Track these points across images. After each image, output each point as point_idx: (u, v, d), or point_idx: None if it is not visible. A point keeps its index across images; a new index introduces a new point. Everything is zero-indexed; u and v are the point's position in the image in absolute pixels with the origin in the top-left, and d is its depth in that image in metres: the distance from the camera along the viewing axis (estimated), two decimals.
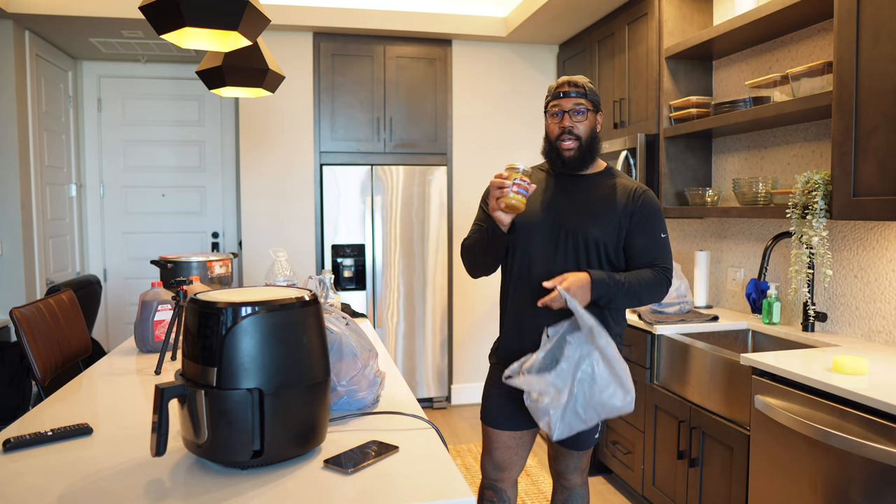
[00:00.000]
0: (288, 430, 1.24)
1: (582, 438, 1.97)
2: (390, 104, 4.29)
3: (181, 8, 1.55)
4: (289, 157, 4.23)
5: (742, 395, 2.19)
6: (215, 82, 2.29)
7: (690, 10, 3.18)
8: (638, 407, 2.85)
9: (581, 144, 1.89)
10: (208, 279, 2.60)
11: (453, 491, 1.15)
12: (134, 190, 4.97)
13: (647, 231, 1.86)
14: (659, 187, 3.19)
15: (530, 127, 4.53)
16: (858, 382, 1.77)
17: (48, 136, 4.30)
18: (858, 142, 2.02)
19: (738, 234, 3.08)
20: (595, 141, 1.91)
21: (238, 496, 1.13)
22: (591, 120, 1.89)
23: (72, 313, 2.53)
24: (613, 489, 3.13)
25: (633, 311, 2.96)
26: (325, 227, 4.22)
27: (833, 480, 1.77)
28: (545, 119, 1.95)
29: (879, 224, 2.32)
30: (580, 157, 1.89)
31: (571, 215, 1.88)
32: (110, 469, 1.24)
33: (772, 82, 2.53)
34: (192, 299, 1.26)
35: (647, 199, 1.88)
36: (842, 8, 2.05)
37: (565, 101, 1.88)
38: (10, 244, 3.87)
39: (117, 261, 4.98)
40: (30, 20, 3.81)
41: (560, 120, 1.89)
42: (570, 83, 1.89)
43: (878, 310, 2.33)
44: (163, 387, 1.17)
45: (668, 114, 3.17)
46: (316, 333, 1.30)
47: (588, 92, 1.89)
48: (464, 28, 4.22)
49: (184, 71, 4.96)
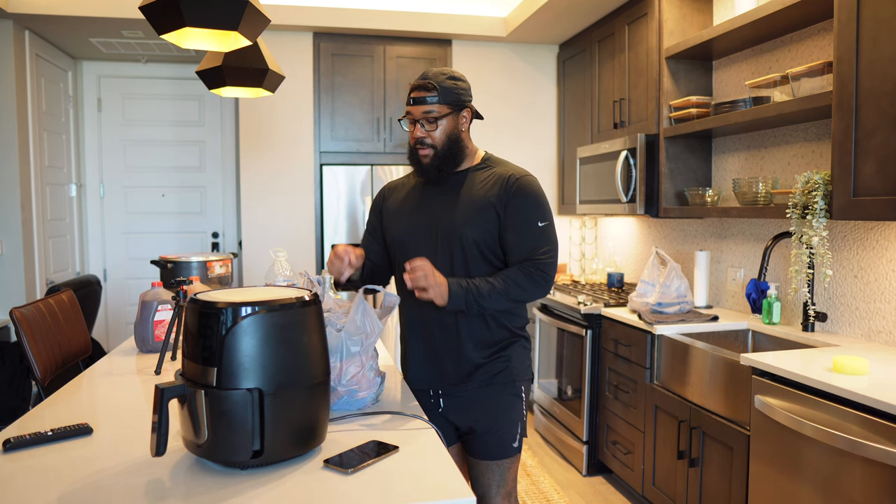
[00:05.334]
0: (288, 430, 1.24)
1: (492, 445, 1.77)
2: (390, 104, 4.29)
3: (181, 8, 1.55)
4: (289, 156, 4.23)
5: (742, 395, 2.19)
6: (215, 82, 2.29)
7: (690, 10, 3.18)
8: (638, 407, 2.85)
9: (437, 152, 1.76)
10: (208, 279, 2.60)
11: (453, 491, 1.15)
12: (134, 190, 4.97)
13: (521, 222, 1.72)
14: (659, 187, 3.19)
15: (530, 127, 4.53)
16: (858, 382, 1.77)
17: (48, 136, 4.30)
18: (858, 142, 2.01)
19: (738, 234, 3.08)
20: (456, 144, 1.77)
21: (238, 496, 1.13)
22: (448, 123, 1.75)
23: (72, 313, 2.53)
24: (613, 489, 3.13)
25: (632, 311, 2.97)
26: (325, 227, 4.22)
27: (833, 480, 1.77)
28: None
29: (879, 224, 2.32)
30: (438, 165, 1.77)
31: (445, 218, 1.77)
32: (110, 469, 1.24)
33: (772, 82, 2.53)
34: (192, 299, 1.26)
35: (521, 185, 1.74)
36: (842, 8, 2.05)
37: (415, 110, 1.75)
38: (10, 244, 3.87)
39: (117, 261, 4.98)
40: (30, 20, 3.81)
41: (413, 129, 1.77)
42: (420, 87, 1.75)
43: (878, 310, 2.33)
44: (163, 387, 1.17)
45: (668, 114, 3.17)
46: (316, 333, 1.30)
47: (443, 92, 1.73)
48: (464, 28, 4.22)
49: (184, 71, 4.96)
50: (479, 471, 1.82)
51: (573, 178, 4.16)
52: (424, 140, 1.76)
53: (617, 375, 3.03)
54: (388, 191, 1.97)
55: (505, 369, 1.79)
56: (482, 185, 1.78)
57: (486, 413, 1.78)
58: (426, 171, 1.80)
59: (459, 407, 1.81)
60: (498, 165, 1.83)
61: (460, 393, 1.80)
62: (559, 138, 4.49)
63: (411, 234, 1.83)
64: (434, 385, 1.83)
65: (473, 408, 1.79)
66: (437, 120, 1.74)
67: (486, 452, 1.79)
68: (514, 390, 1.80)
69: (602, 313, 3.15)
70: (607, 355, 3.12)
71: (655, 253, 2.94)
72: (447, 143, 1.77)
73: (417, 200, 1.85)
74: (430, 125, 1.75)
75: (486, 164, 1.84)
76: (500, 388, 1.78)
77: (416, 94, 1.75)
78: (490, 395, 1.78)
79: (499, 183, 1.76)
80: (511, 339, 1.81)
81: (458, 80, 1.78)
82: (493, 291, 1.68)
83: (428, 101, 1.74)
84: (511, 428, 1.79)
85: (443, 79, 1.75)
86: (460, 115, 1.78)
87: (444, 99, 1.74)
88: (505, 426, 1.78)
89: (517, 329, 1.83)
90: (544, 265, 1.72)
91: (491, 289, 1.68)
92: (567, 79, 4.36)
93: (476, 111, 1.83)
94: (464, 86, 1.78)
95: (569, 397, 3.42)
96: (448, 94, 1.74)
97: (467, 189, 1.79)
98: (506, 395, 1.79)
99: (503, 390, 1.79)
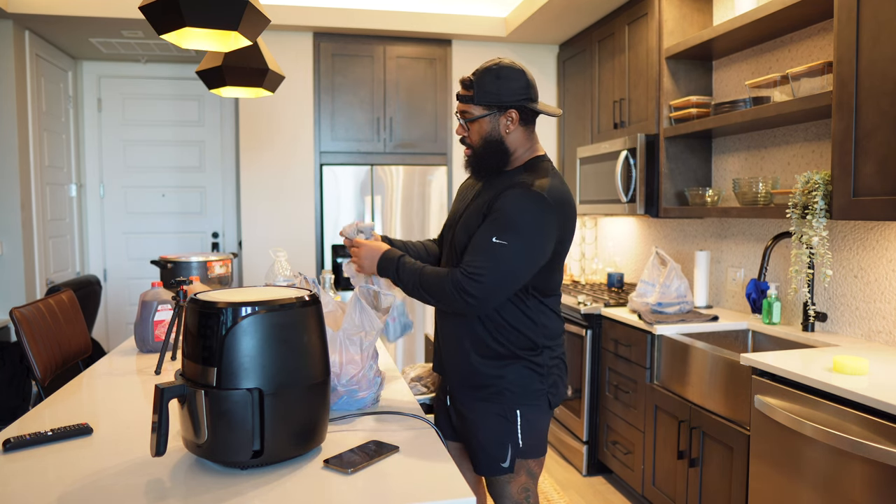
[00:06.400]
0: (288, 430, 1.24)
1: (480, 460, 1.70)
2: (390, 104, 4.29)
3: (181, 8, 1.55)
4: (289, 156, 4.23)
5: (742, 395, 2.19)
6: (215, 82, 2.29)
7: (690, 10, 3.18)
8: (638, 407, 2.85)
9: (474, 152, 1.69)
10: (208, 279, 2.60)
11: (453, 491, 1.15)
12: (134, 190, 4.97)
13: (482, 229, 1.59)
14: (659, 187, 3.19)
15: None
16: (858, 382, 1.77)
17: (48, 136, 4.30)
18: (858, 142, 2.01)
19: (738, 234, 3.08)
20: (496, 147, 1.66)
21: (238, 496, 1.13)
22: (484, 125, 1.65)
23: (72, 313, 2.53)
24: (613, 489, 3.13)
25: (632, 311, 2.97)
26: (325, 227, 4.22)
27: (833, 480, 1.77)
28: None
29: (879, 224, 2.32)
30: (476, 165, 1.71)
31: (459, 219, 1.73)
32: (110, 469, 1.24)
33: (772, 82, 2.53)
34: (192, 299, 1.27)
35: (506, 197, 1.58)
36: (842, 8, 2.05)
37: (459, 106, 1.69)
38: (10, 244, 3.87)
39: (117, 261, 4.98)
40: (30, 20, 3.81)
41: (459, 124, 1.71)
42: (463, 83, 1.66)
43: (878, 310, 2.33)
44: (163, 387, 1.17)
45: (668, 114, 3.17)
46: (316, 333, 1.30)
47: (480, 92, 1.62)
48: (464, 28, 4.22)
49: (184, 71, 4.96)
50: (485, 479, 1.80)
51: (573, 178, 4.16)
52: (464, 139, 1.71)
53: (617, 375, 3.03)
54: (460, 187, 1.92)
55: (496, 388, 1.67)
56: (493, 190, 1.66)
57: (474, 428, 1.71)
58: (467, 167, 1.75)
59: (458, 412, 1.78)
60: (521, 174, 1.67)
61: (460, 399, 1.76)
62: (559, 138, 4.49)
63: (445, 230, 1.82)
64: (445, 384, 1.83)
65: (465, 419, 1.74)
66: (473, 122, 1.66)
67: (477, 466, 1.73)
68: (502, 411, 1.67)
69: (602, 313, 3.15)
70: (607, 355, 3.12)
71: (655, 253, 2.94)
72: (483, 146, 1.67)
73: (462, 198, 1.82)
74: (467, 124, 1.68)
75: (525, 168, 1.69)
76: (488, 406, 1.68)
77: (460, 91, 1.68)
78: (480, 411, 1.70)
79: (499, 190, 1.64)
80: (512, 358, 1.67)
81: (507, 79, 1.62)
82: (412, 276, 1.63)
83: (464, 101, 1.66)
84: (499, 448, 1.68)
85: (487, 78, 1.62)
86: (502, 117, 1.65)
87: (481, 99, 1.63)
88: (489, 444, 1.69)
89: (520, 349, 1.67)
90: (468, 280, 1.53)
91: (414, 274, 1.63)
92: (567, 79, 4.36)
93: (532, 109, 1.67)
94: (513, 86, 1.63)
95: (569, 397, 3.42)
96: (486, 95, 1.62)
97: (486, 193, 1.68)
98: (493, 415, 1.68)
99: (490, 409, 1.68)
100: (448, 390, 1.81)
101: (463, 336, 1.70)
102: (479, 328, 1.68)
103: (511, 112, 1.65)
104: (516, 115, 1.65)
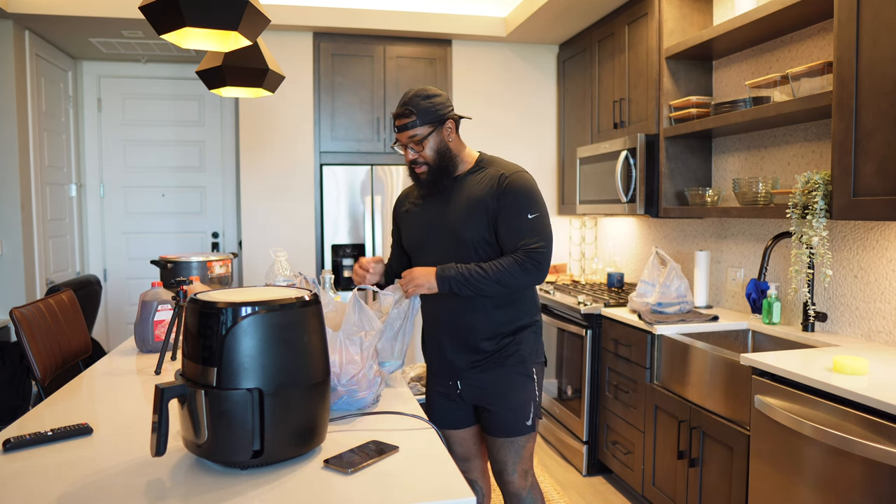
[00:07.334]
0: (288, 430, 1.24)
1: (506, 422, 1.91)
2: (390, 104, 4.29)
3: (181, 8, 1.55)
4: (289, 156, 4.23)
5: (742, 395, 2.19)
6: (215, 82, 2.29)
7: (690, 10, 3.18)
8: (638, 407, 2.85)
9: (431, 167, 1.90)
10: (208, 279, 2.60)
11: (453, 491, 1.15)
12: (134, 190, 4.97)
13: (511, 215, 1.84)
14: (659, 187, 3.19)
15: (530, 127, 4.53)
16: (858, 382, 1.77)
17: (48, 136, 4.30)
18: (858, 142, 2.01)
19: (738, 234, 3.08)
20: (447, 155, 1.90)
21: (238, 496, 1.13)
22: (434, 140, 1.88)
23: (72, 313, 2.53)
24: (613, 489, 3.13)
25: (632, 311, 2.97)
26: (325, 227, 4.22)
27: (833, 480, 1.77)
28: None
29: (879, 224, 2.32)
30: (435, 177, 1.92)
31: (447, 222, 1.91)
32: (110, 469, 1.24)
33: (772, 82, 2.53)
34: (192, 299, 1.27)
35: (513, 181, 1.86)
36: (842, 8, 2.05)
37: (401, 136, 1.89)
38: (10, 244, 3.87)
39: (117, 261, 4.98)
40: (30, 20, 3.81)
41: (405, 152, 1.92)
42: (400, 114, 1.88)
43: (878, 310, 2.33)
44: (163, 387, 1.17)
45: (668, 114, 3.17)
46: (316, 333, 1.30)
47: (421, 114, 1.85)
48: (464, 28, 4.22)
49: (184, 71, 4.96)
50: (496, 448, 1.95)
51: (573, 178, 4.16)
52: (417, 160, 1.91)
53: (617, 375, 3.03)
54: (401, 201, 2.12)
55: (515, 353, 1.91)
56: (477, 186, 1.90)
57: (499, 393, 1.91)
58: (426, 185, 1.95)
59: (475, 389, 1.94)
60: (491, 165, 1.94)
61: (475, 376, 1.93)
62: (559, 138, 4.49)
63: (421, 240, 1.99)
64: (451, 373, 1.98)
65: (487, 389, 1.92)
66: (423, 141, 1.87)
67: (501, 430, 1.92)
68: (525, 371, 1.93)
69: (602, 313, 3.15)
70: (607, 355, 3.12)
71: (655, 253, 2.94)
72: (437, 158, 1.90)
73: (423, 208, 2.00)
74: (418, 146, 1.88)
75: (480, 165, 1.95)
76: (511, 369, 1.91)
77: (399, 122, 1.89)
78: (502, 376, 1.91)
79: (492, 182, 1.88)
80: (521, 327, 1.94)
81: (434, 97, 1.88)
82: (483, 276, 1.81)
83: (410, 127, 1.87)
84: (524, 407, 1.92)
85: (419, 101, 1.86)
86: (443, 129, 1.89)
87: (424, 120, 1.86)
88: (517, 405, 1.91)
89: (527, 318, 1.95)
90: (535, 254, 1.82)
91: (481, 274, 1.81)
92: (567, 79, 4.36)
93: (458, 117, 1.94)
94: (440, 101, 1.89)
95: (569, 397, 3.42)
96: (427, 115, 1.86)
97: (465, 192, 1.91)
98: (517, 376, 1.91)
99: (514, 371, 1.91)
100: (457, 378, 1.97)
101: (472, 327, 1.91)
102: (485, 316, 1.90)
103: (449, 122, 1.91)
104: (453, 124, 1.92)
